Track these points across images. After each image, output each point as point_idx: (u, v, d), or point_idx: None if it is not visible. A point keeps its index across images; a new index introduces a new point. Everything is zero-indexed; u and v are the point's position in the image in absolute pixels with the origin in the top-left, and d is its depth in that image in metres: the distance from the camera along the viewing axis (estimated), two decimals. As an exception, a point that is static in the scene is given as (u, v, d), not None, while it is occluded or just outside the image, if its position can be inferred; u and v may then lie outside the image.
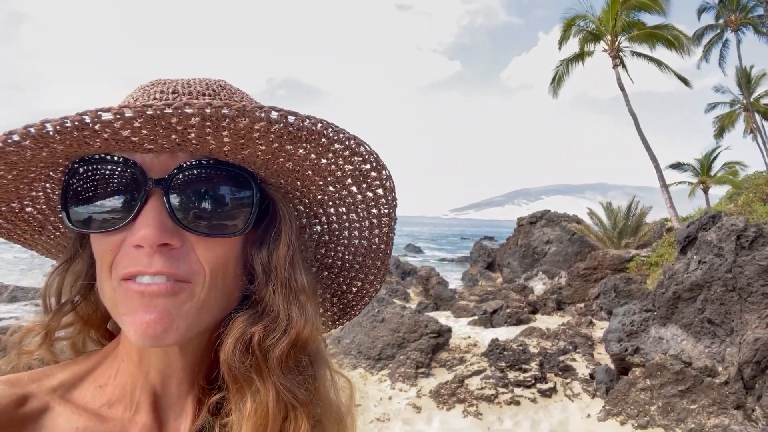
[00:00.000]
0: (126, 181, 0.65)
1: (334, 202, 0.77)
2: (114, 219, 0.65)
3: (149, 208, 0.64)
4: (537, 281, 18.06)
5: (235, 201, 0.69)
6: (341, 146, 0.65)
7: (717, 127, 35.04)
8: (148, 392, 0.72)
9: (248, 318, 0.71)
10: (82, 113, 0.55)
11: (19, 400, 0.65)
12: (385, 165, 0.72)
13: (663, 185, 21.31)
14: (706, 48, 30.95)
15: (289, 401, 0.70)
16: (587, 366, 8.80)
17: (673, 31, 21.35)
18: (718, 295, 6.62)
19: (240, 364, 0.68)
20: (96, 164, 0.65)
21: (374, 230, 0.81)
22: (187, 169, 0.65)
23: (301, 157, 0.66)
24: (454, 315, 13.92)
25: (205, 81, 0.74)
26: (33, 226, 0.80)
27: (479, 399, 7.50)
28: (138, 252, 0.64)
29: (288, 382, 0.70)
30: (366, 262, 0.86)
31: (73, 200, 0.67)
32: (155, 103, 0.55)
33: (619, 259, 15.37)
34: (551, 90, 24.14)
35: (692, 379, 6.35)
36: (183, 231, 0.66)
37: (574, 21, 22.36)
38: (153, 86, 0.72)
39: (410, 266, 25.17)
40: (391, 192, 0.75)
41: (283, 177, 0.71)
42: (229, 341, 0.69)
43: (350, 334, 9.83)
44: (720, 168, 29.31)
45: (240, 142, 0.61)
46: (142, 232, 0.62)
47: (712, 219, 7.64)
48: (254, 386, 0.69)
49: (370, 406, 7.67)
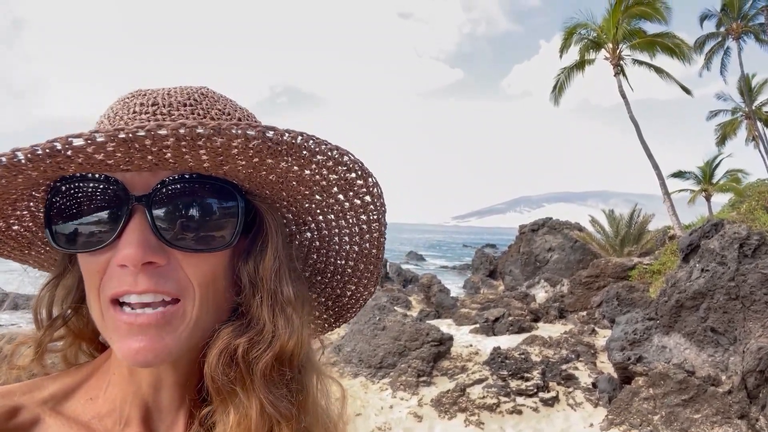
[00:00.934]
0: (108, 198, 0.64)
1: (322, 210, 0.76)
2: (98, 239, 0.64)
3: (132, 226, 0.63)
4: (539, 289, 18.01)
5: (220, 214, 0.68)
6: (324, 157, 0.65)
7: (719, 135, 35.01)
8: (138, 406, 0.71)
9: (234, 330, 0.70)
10: (53, 140, 0.53)
11: (10, 412, 0.65)
12: (371, 173, 0.71)
13: (665, 193, 21.28)
14: (707, 56, 31.00)
15: (272, 415, 0.69)
16: (590, 375, 8.75)
17: (674, 39, 21.42)
18: (721, 304, 6.59)
19: (223, 376, 0.67)
20: (78, 182, 0.64)
21: (365, 236, 0.80)
22: (169, 184, 0.64)
23: (283, 169, 0.65)
24: (455, 323, 13.88)
25: (187, 90, 0.73)
26: (21, 243, 0.80)
27: (481, 408, 7.46)
28: (123, 271, 0.63)
29: (272, 396, 0.69)
30: (358, 266, 0.86)
31: (56, 219, 0.66)
32: (126, 127, 0.54)
33: (621, 267, 15.33)
34: (552, 98, 24.19)
35: (695, 388, 6.30)
36: (168, 248, 0.64)
37: (576, 29, 22.46)
38: (133, 98, 0.71)
39: (412, 274, 25.12)
40: (379, 198, 0.74)
41: (268, 188, 0.70)
42: (213, 353, 0.68)
43: (351, 342, 9.79)
44: (722, 176, 29.23)
45: (219, 159, 0.60)
46: (125, 251, 0.61)
47: (714, 227, 7.62)
48: (237, 399, 0.68)
49: (371, 415, 7.62)
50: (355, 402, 7.95)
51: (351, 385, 8.68)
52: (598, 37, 22.21)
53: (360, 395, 8.34)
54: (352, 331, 10.10)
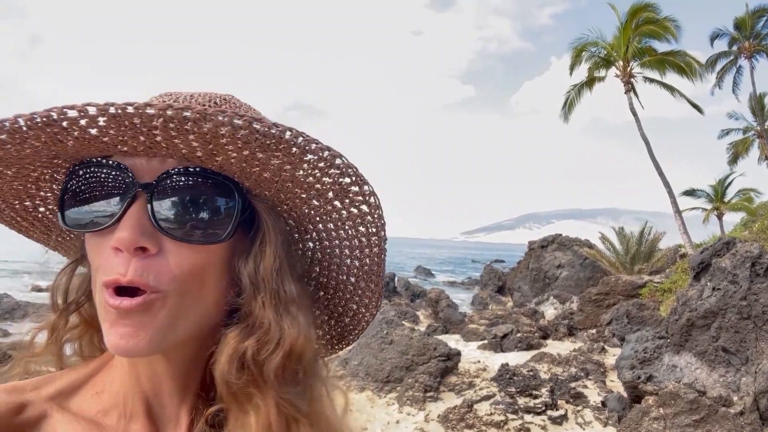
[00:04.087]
0: (117, 184, 0.67)
1: (321, 217, 0.77)
2: (102, 220, 0.67)
3: (132, 211, 0.65)
4: (548, 306, 17.86)
5: (216, 209, 0.69)
6: (315, 157, 0.65)
7: (731, 154, 34.77)
8: (141, 400, 0.72)
9: (240, 333, 0.70)
10: (50, 109, 0.56)
11: (17, 408, 0.66)
12: (367, 180, 0.71)
13: (676, 211, 21.12)
14: (719, 74, 30.92)
15: (289, 414, 0.70)
16: (599, 393, 8.64)
17: (685, 58, 21.42)
18: (733, 323, 6.51)
19: (237, 380, 0.68)
20: (93, 167, 0.68)
21: (364, 250, 0.80)
22: (174, 174, 0.66)
23: (276, 167, 0.66)
24: (463, 338, 13.78)
25: (210, 94, 0.74)
26: (48, 225, 0.84)
27: (488, 425, 7.38)
28: (117, 256, 0.64)
29: (287, 395, 0.70)
30: (359, 284, 0.85)
31: (69, 201, 0.69)
32: (116, 103, 0.56)
33: (631, 284, 15.18)
34: (562, 115, 24.21)
35: (706, 408, 6.20)
36: (161, 236, 0.66)
37: (585, 47, 22.54)
38: (159, 97, 0.74)
39: (420, 288, 25.02)
40: (376, 209, 0.74)
41: (266, 188, 0.71)
42: (223, 358, 0.68)
43: (358, 355, 9.76)
44: (734, 195, 28.96)
45: (209, 147, 0.62)
46: (120, 234, 0.63)
47: (726, 245, 7.55)
48: (254, 401, 0.69)
49: (377, 429, 7.57)
50: (361, 416, 7.90)
51: (357, 399, 8.63)
52: (608, 55, 22.27)
53: (366, 409, 8.28)
54: (359, 345, 10.06)
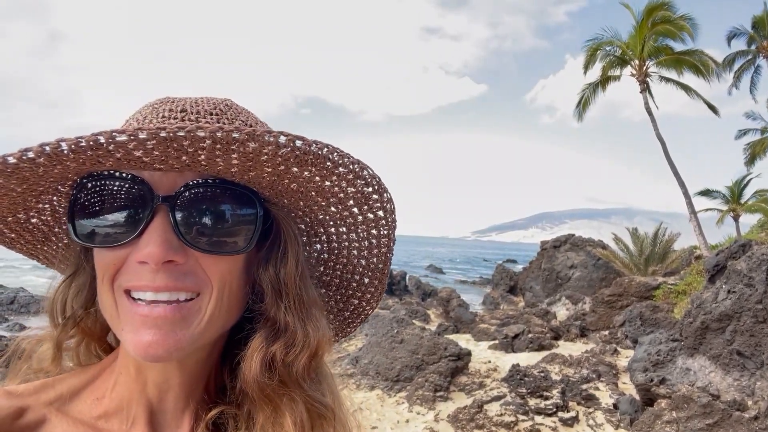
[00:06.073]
0: (133, 197, 0.66)
1: (335, 222, 0.79)
2: (119, 234, 0.66)
3: (155, 225, 0.65)
4: (560, 306, 17.74)
5: (239, 219, 0.70)
6: (345, 170, 0.67)
7: (748, 154, 34.22)
8: (144, 406, 0.73)
9: (266, 337, 0.72)
10: (97, 134, 0.56)
11: (17, 413, 0.66)
12: (387, 188, 0.73)
13: (692, 212, 20.84)
14: (737, 74, 30.45)
15: (317, 410, 0.73)
16: (611, 395, 8.56)
17: (702, 57, 21.11)
18: (748, 326, 6.41)
19: (269, 381, 0.70)
20: (104, 180, 0.67)
21: (373, 250, 0.82)
22: (193, 187, 0.66)
23: (305, 179, 0.67)
24: (474, 338, 13.73)
25: (213, 100, 0.75)
26: (37, 236, 0.82)
27: (498, 426, 7.35)
28: (142, 268, 0.65)
29: (314, 392, 0.73)
30: (363, 281, 0.88)
31: (80, 214, 0.68)
32: (169, 126, 0.56)
33: (645, 286, 15.02)
34: (576, 113, 24.03)
35: (720, 412, 6.13)
36: (188, 248, 0.66)
37: (600, 47, 22.32)
38: (162, 104, 0.73)
39: (431, 287, 25.01)
40: (392, 214, 0.77)
41: (287, 197, 0.73)
42: (255, 363, 0.70)
43: (368, 354, 9.78)
44: (751, 196, 28.49)
45: (248, 164, 0.63)
46: (148, 249, 0.63)
47: (742, 248, 7.45)
48: (286, 400, 0.71)
49: (386, 428, 7.58)
50: (371, 414, 7.92)
51: (367, 398, 8.65)
52: (623, 53, 22.02)
53: (376, 408, 8.30)
54: (370, 344, 10.09)
